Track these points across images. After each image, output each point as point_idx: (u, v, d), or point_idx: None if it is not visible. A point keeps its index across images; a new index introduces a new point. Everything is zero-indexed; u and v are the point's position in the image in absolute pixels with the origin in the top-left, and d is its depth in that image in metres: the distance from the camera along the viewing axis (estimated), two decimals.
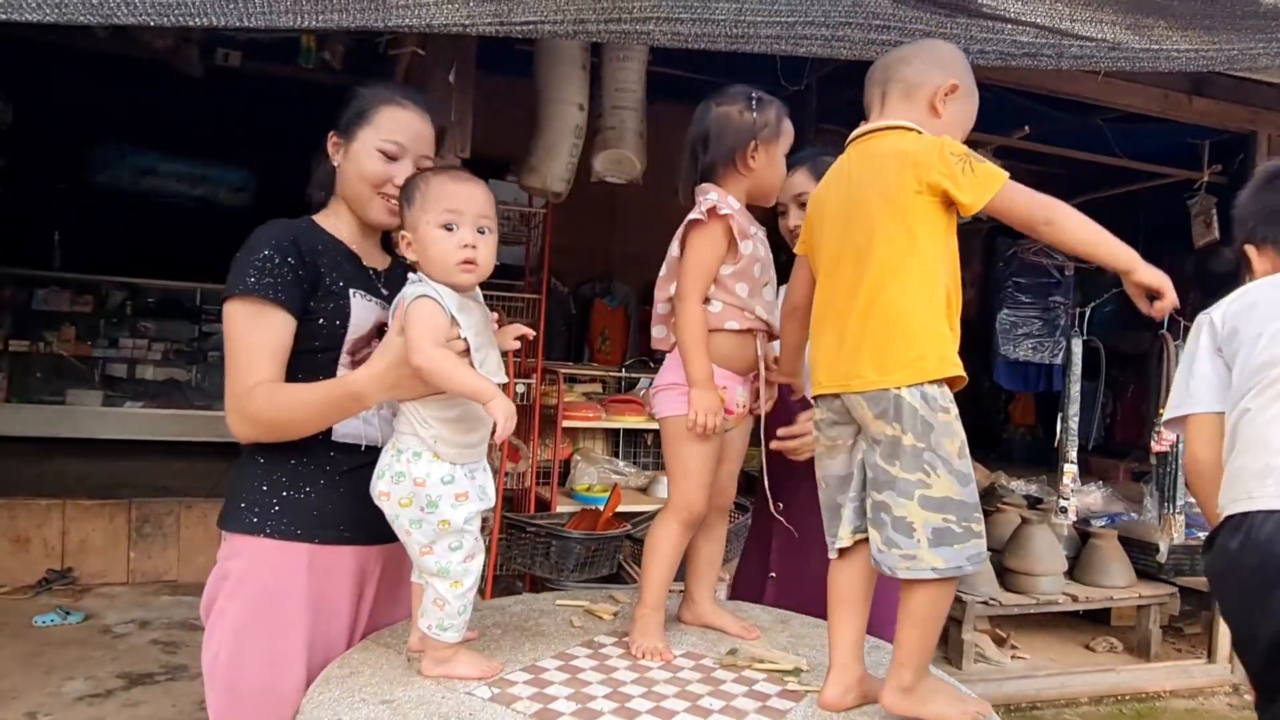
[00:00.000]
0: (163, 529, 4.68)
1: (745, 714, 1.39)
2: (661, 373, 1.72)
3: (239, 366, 1.48)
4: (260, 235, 1.53)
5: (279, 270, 1.49)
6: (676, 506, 1.67)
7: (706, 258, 1.63)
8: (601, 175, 3.83)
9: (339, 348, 1.56)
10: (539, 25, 1.44)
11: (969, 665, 3.79)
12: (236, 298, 1.48)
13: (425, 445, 1.42)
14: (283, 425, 1.50)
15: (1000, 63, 1.82)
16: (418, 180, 1.48)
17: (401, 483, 1.41)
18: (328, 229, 1.64)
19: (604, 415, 4.72)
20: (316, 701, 1.37)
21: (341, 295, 1.56)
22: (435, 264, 1.43)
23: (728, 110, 1.68)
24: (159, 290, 7.02)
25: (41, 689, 3.31)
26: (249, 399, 1.48)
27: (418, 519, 1.41)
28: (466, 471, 1.44)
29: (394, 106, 1.60)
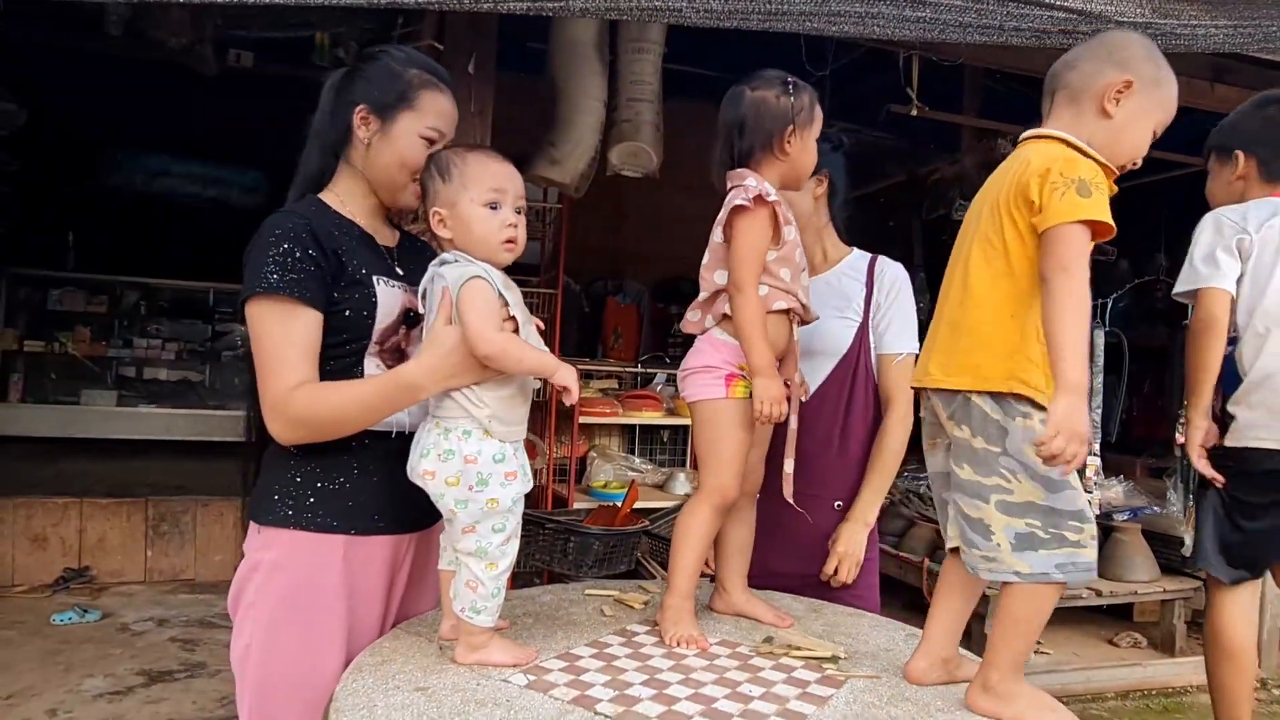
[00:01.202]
0: (179, 528, 4.68)
1: (786, 700, 1.36)
2: (691, 355, 1.69)
3: (274, 369, 1.43)
4: (274, 227, 1.46)
5: (300, 265, 1.43)
6: (709, 490, 1.65)
7: (757, 244, 1.60)
8: (618, 168, 3.82)
9: (368, 338, 1.51)
10: (571, 4, 1.41)
11: None
12: (259, 297, 1.43)
13: (477, 423, 1.40)
14: (331, 425, 1.46)
15: (1034, 42, 1.79)
16: (451, 156, 1.44)
17: (450, 460, 1.39)
18: (337, 208, 1.57)
19: (620, 411, 4.71)
20: (350, 689, 1.35)
21: (366, 283, 1.51)
22: (480, 243, 1.41)
23: (764, 95, 1.66)
24: (172, 291, 7.04)
25: (61, 686, 3.30)
26: (292, 402, 1.43)
27: (464, 498, 1.39)
28: (515, 449, 1.43)
29: (435, 91, 1.56)
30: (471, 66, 2.71)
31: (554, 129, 3.49)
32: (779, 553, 2.02)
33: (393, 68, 1.55)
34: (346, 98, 1.56)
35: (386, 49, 1.60)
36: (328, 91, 1.60)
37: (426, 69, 1.58)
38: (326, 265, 1.46)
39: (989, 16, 1.65)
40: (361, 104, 1.54)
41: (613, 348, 6.12)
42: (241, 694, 1.52)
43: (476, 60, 2.72)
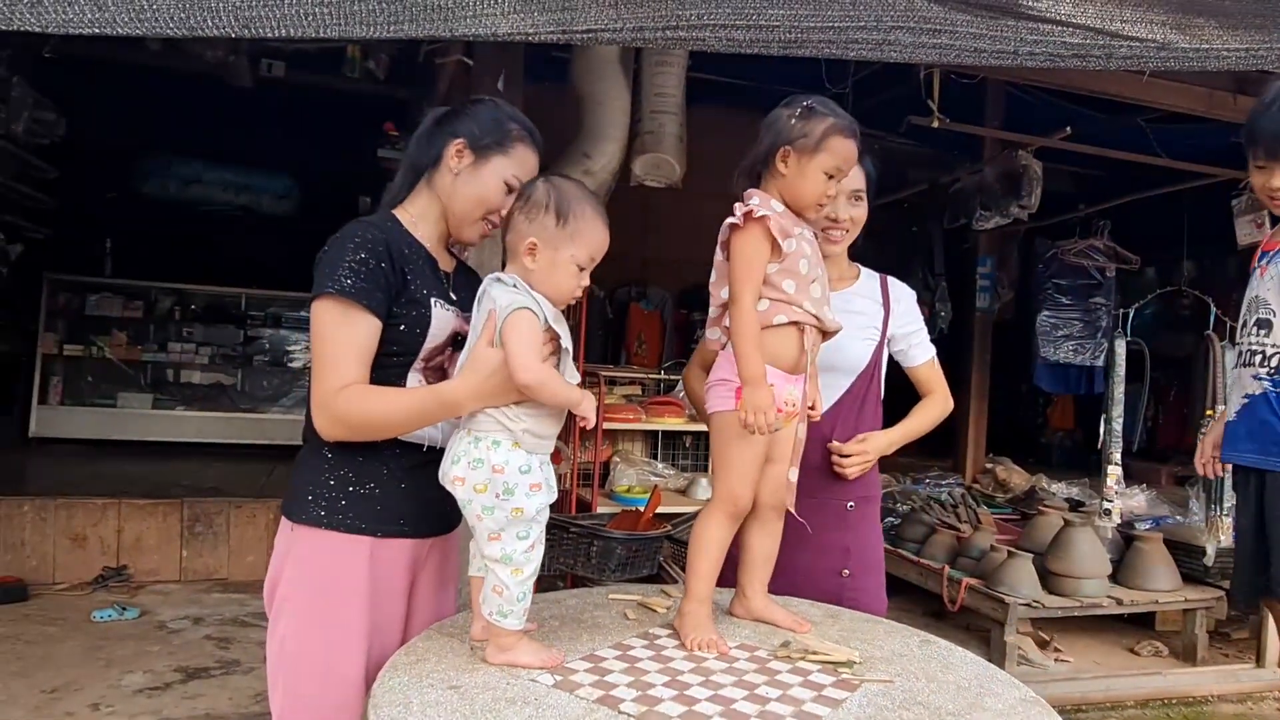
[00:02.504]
0: (213, 528, 4.80)
1: (802, 702, 1.41)
2: (715, 369, 1.76)
3: (329, 367, 1.52)
4: (352, 235, 1.55)
5: (373, 275, 1.52)
6: (721, 499, 1.71)
7: (753, 259, 1.65)
8: (641, 179, 3.89)
9: (416, 354, 1.60)
10: (599, 33, 1.49)
11: (1011, 667, 3.77)
12: (329, 297, 1.51)
13: (509, 435, 1.47)
14: (371, 427, 1.55)
15: (1049, 64, 1.84)
16: (573, 203, 1.50)
17: (479, 469, 1.46)
18: (409, 228, 1.66)
19: (644, 417, 4.77)
20: (387, 686, 1.42)
21: (424, 304, 1.60)
22: (553, 290, 1.49)
23: (780, 113, 1.72)
24: (205, 296, 7.20)
25: (103, 681, 3.41)
26: (339, 399, 1.51)
27: (491, 505, 1.45)
28: (540, 463, 1.50)
29: (528, 146, 1.67)
30: (501, 84, 2.79)
31: (588, 140, 3.55)
32: (801, 552, 2.06)
33: (499, 115, 1.67)
34: (447, 129, 1.66)
35: (495, 100, 1.73)
36: (428, 121, 1.70)
37: (526, 126, 1.70)
38: (394, 279, 1.55)
39: (1003, 42, 1.70)
40: (462, 138, 1.64)
41: (636, 354, 6.19)
42: (275, 683, 1.61)
43: (505, 78, 2.80)
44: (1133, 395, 4.86)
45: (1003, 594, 3.84)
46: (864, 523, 2.15)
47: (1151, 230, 6.01)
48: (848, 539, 2.11)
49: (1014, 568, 3.93)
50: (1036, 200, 4.57)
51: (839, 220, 2.04)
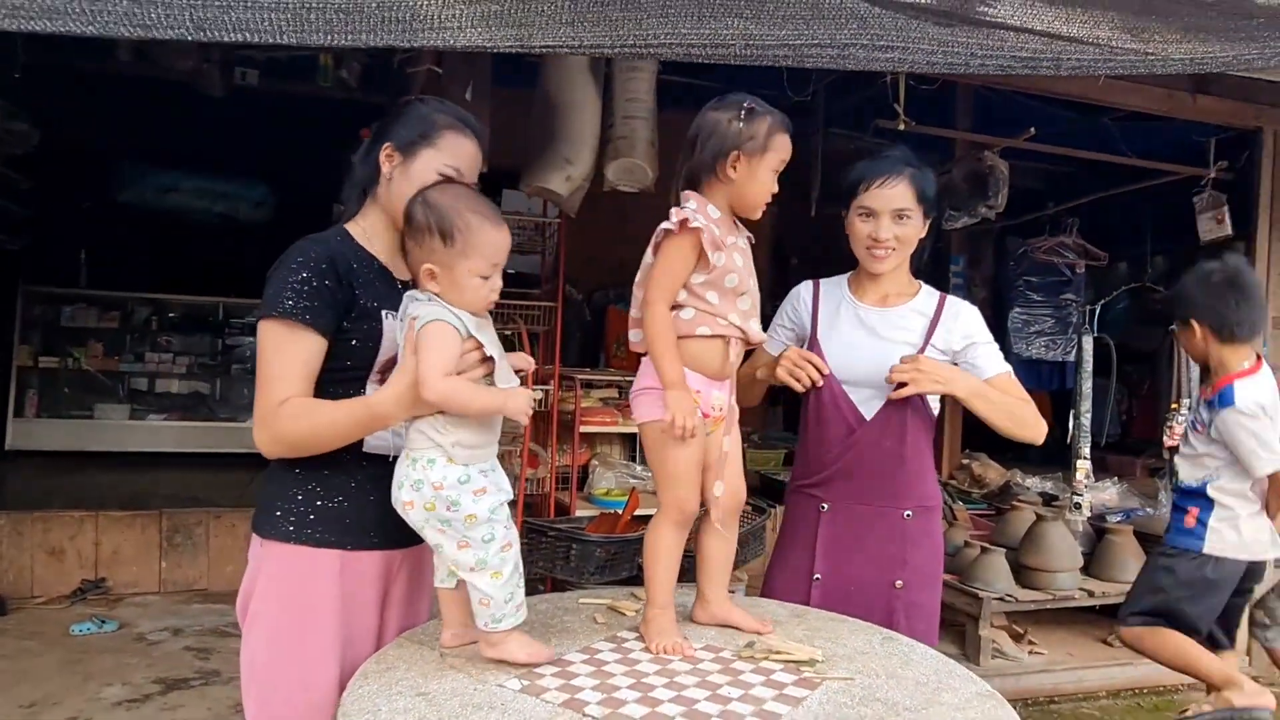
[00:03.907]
0: (192, 539, 4.79)
1: (763, 701, 1.45)
2: (638, 377, 1.74)
3: (269, 385, 1.53)
4: (297, 254, 1.56)
5: (316, 293, 1.53)
6: (667, 508, 1.71)
7: (674, 267, 1.64)
8: (614, 184, 3.91)
9: (369, 367, 1.61)
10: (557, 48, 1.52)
11: (986, 661, 3.84)
12: (272, 318, 1.53)
13: (441, 450, 1.48)
14: (306, 442, 1.56)
15: (1001, 73, 1.89)
16: (454, 218, 1.47)
17: (421, 489, 1.48)
18: (361, 242, 1.66)
19: (620, 420, 4.80)
20: (356, 695, 1.44)
21: (374, 316, 1.60)
22: (465, 304, 1.48)
23: (718, 117, 1.68)
24: (182, 305, 7.18)
25: (81, 695, 3.41)
26: (276, 417, 1.53)
27: (445, 518, 1.48)
28: (479, 470, 1.51)
29: (458, 133, 1.65)
30: (469, 93, 2.81)
31: (567, 146, 3.57)
32: (855, 561, 2.11)
33: (421, 111, 1.66)
34: (379, 140, 1.66)
35: (423, 99, 1.72)
36: (369, 139, 1.70)
37: (455, 115, 1.68)
38: (341, 296, 1.56)
39: (954, 55, 1.74)
40: (389, 142, 1.64)
41: (615, 355, 6.20)
42: (247, 697, 1.63)
43: (474, 88, 2.82)
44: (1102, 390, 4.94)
45: (977, 589, 3.90)
46: (922, 535, 2.13)
47: (1121, 226, 6.10)
48: (905, 550, 2.10)
49: (988, 563, 3.99)
50: (1003, 200, 4.63)
51: (881, 240, 2.06)
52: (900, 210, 2.05)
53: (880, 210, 2.06)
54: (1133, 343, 5.93)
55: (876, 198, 2.06)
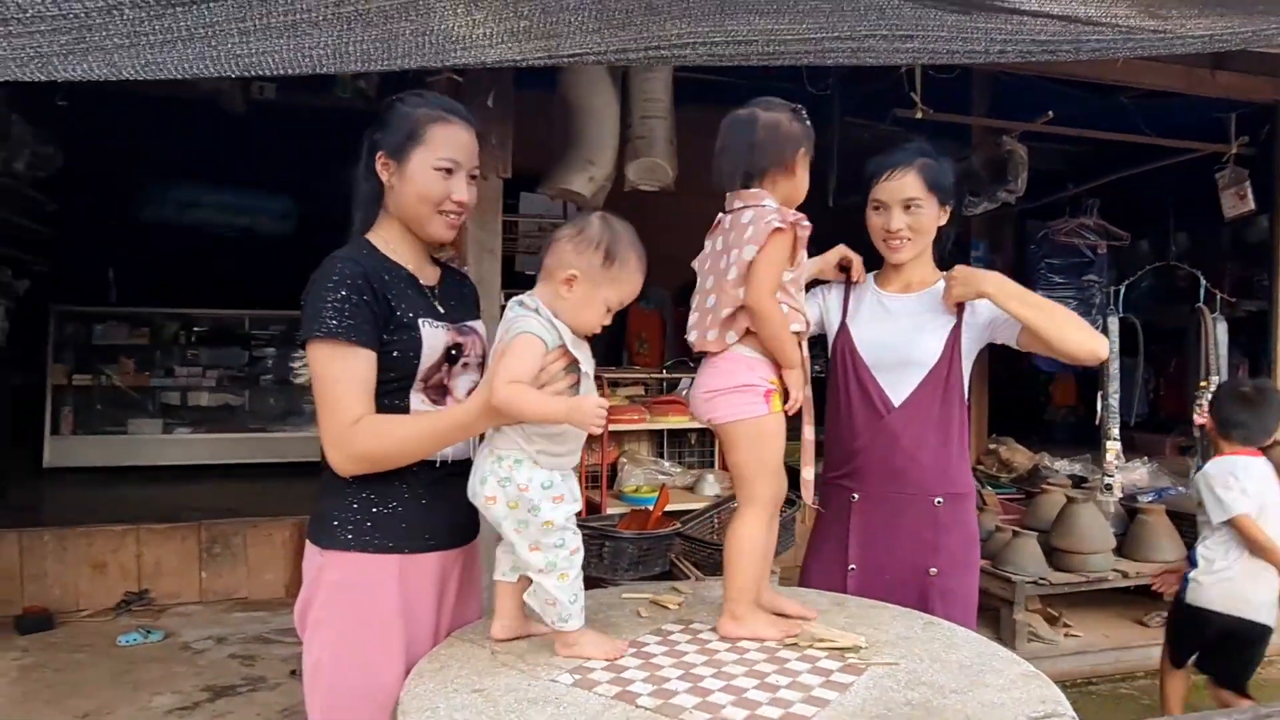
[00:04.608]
0: (230, 548, 4.87)
1: (810, 688, 1.48)
2: (716, 375, 1.74)
3: (334, 406, 1.56)
4: (332, 273, 1.58)
5: (357, 311, 1.55)
6: (767, 502, 1.73)
7: (780, 264, 1.69)
8: (635, 184, 3.95)
9: (413, 376, 1.64)
10: (584, 56, 1.55)
11: (1022, 645, 3.84)
12: (318, 340, 1.55)
13: (527, 455, 1.54)
14: (389, 458, 1.60)
15: (1021, 60, 1.90)
16: (621, 248, 1.54)
17: (507, 488, 1.53)
18: (385, 252, 1.67)
19: (648, 417, 4.84)
20: (413, 693, 1.48)
21: (412, 327, 1.62)
22: (577, 323, 1.55)
23: (778, 118, 1.74)
24: (209, 319, 7.26)
25: (133, 704, 3.49)
26: (354, 436, 1.55)
27: (524, 520, 1.53)
28: (561, 476, 1.57)
29: (443, 124, 1.64)
30: (491, 101, 2.85)
31: (589, 148, 3.61)
32: (888, 550, 2.14)
33: (403, 110, 1.65)
34: (373, 150, 1.67)
35: (401, 96, 1.69)
36: (364, 148, 1.70)
37: (436, 105, 1.66)
38: (379, 309, 1.59)
39: (974, 43, 1.76)
40: (381, 150, 1.65)
41: (638, 353, 6.24)
42: (312, 705, 1.66)
43: (495, 95, 2.86)
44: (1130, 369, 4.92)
45: (1009, 573, 3.90)
46: (955, 521, 2.14)
47: (1143, 205, 6.06)
48: (938, 537, 2.12)
49: (1019, 547, 3.99)
50: (1023, 184, 4.62)
51: (893, 231, 2.10)
52: (909, 200, 2.09)
53: (890, 202, 2.11)
54: (1158, 321, 5.89)
55: (885, 190, 2.11)
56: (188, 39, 1.28)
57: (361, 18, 1.30)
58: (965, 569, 2.18)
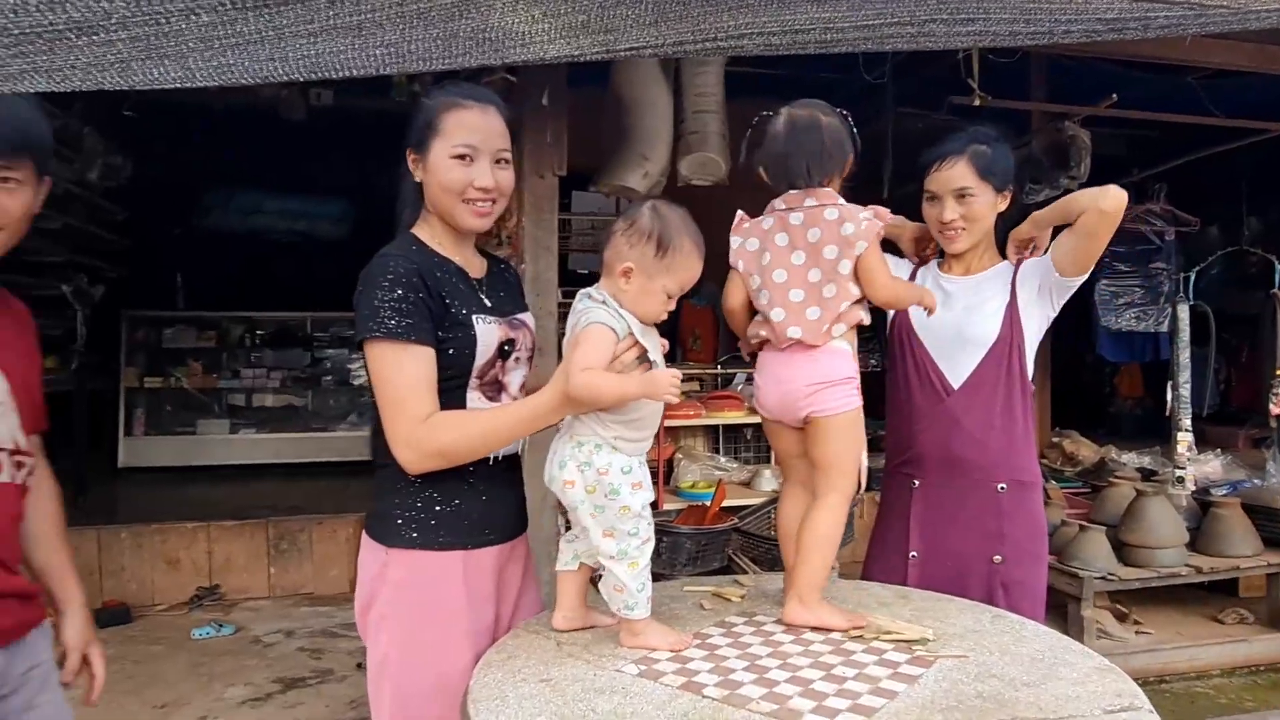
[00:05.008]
0: (297, 545, 4.99)
1: (878, 680, 1.47)
2: (831, 368, 1.74)
3: (403, 405, 1.55)
4: (386, 271, 1.57)
5: (413, 310, 1.55)
6: (847, 493, 1.76)
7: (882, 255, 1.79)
8: (688, 179, 3.95)
9: (469, 373, 1.64)
10: (642, 49, 1.55)
11: (1091, 641, 3.75)
12: (378, 339, 1.54)
13: (605, 440, 1.56)
14: (463, 452, 1.60)
15: (1085, 40, 1.85)
16: (674, 236, 1.55)
17: (587, 472, 1.56)
18: (434, 247, 1.67)
19: (704, 413, 4.83)
20: (483, 682, 1.50)
21: (466, 323, 1.62)
22: (639, 312, 1.57)
23: (837, 123, 1.79)
24: (272, 321, 7.45)
25: (208, 695, 3.60)
26: (429, 433, 1.55)
27: (601, 504, 1.55)
28: (639, 463, 1.59)
29: (458, 110, 1.61)
30: (545, 99, 2.87)
31: (643, 143, 3.62)
32: (950, 537, 2.12)
33: (423, 104, 1.65)
34: (405, 147, 1.68)
35: (426, 92, 1.71)
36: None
37: (453, 93, 1.64)
38: (434, 307, 1.59)
39: (1038, 24, 1.72)
40: (408, 148, 1.67)
41: (691, 350, 6.24)
42: (379, 700, 1.67)
43: (550, 93, 2.88)
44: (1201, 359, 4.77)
45: (1076, 569, 3.82)
46: (1019, 509, 2.11)
47: (1212, 188, 5.87)
48: (1000, 524, 2.09)
49: (1087, 541, 3.90)
50: (1086, 170, 4.50)
51: (947, 221, 2.10)
52: (961, 190, 2.07)
53: (942, 193, 2.09)
54: (1229, 308, 5.70)
55: (936, 181, 2.10)
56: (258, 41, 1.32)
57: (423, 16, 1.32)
58: (1032, 559, 2.14)
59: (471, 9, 1.33)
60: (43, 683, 1.66)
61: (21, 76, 1.24)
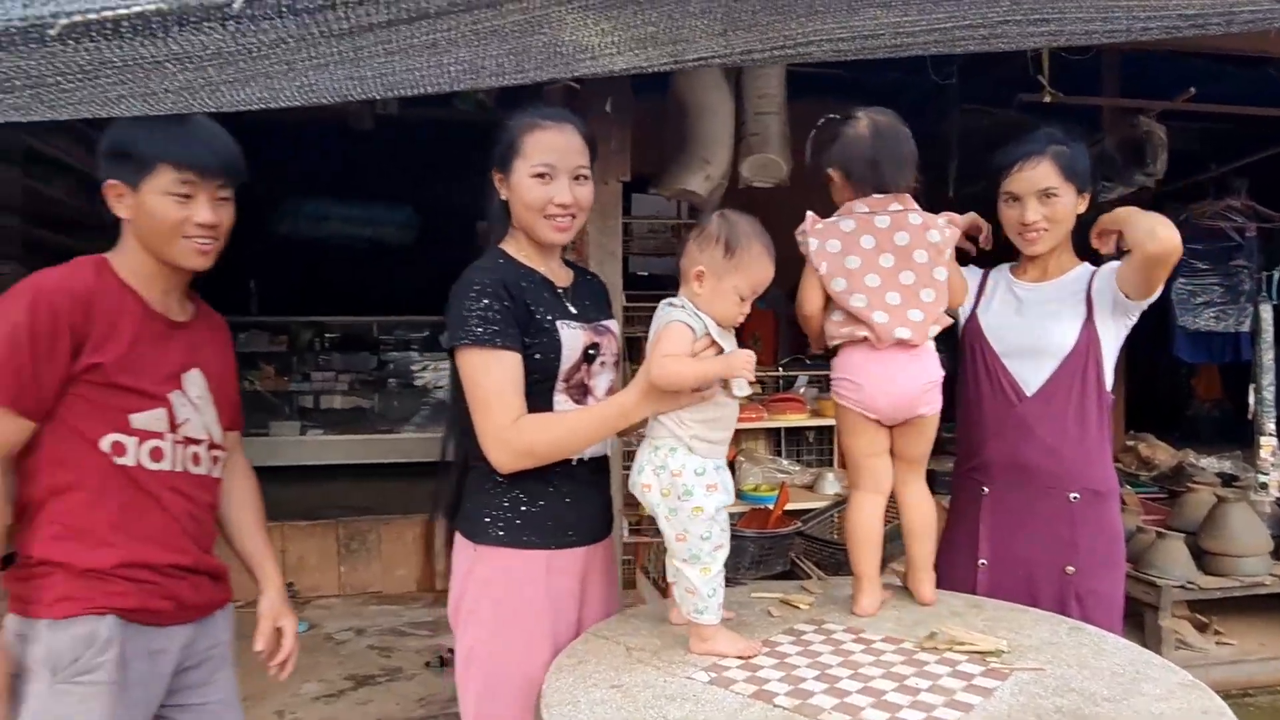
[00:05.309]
0: (366, 545, 5.11)
1: (953, 692, 1.45)
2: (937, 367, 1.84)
3: (493, 407, 1.64)
4: (473, 284, 1.67)
5: (499, 318, 1.64)
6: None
7: None
8: (749, 181, 3.93)
9: (555, 377, 1.72)
10: (710, 59, 1.56)
11: (1169, 652, 3.64)
12: (467, 346, 1.65)
13: (680, 441, 1.60)
14: (552, 451, 1.68)
15: (1165, 36, 1.80)
16: (741, 237, 1.59)
17: (662, 474, 1.60)
18: (520, 259, 1.77)
19: (766, 415, 4.81)
20: (554, 686, 1.53)
21: (551, 329, 1.70)
22: (718, 313, 1.61)
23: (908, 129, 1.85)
24: (340, 326, 7.63)
25: (285, 690, 3.70)
26: (518, 432, 1.64)
27: (674, 507, 1.59)
28: (715, 466, 1.62)
29: (537, 131, 1.71)
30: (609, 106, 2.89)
31: (705, 147, 3.63)
32: (1021, 545, 2.10)
33: (505, 126, 1.75)
34: (491, 168, 1.79)
35: (509, 115, 1.79)
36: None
37: (533, 114, 1.74)
38: (518, 315, 1.68)
39: (1114, 22, 1.67)
40: (494, 167, 1.77)
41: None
42: (466, 692, 1.76)
43: (613, 102, 2.90)
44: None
45: (1154, 577, 3.71)
46: (1093, 518, 2.07)
47: None
48: (1073, 534, 2.05)
49: (1165, 549, 3.78)
50: (1163, 166, 4.36)
51: (1030, 223, 2.06)
52: (1045, 190, 2.03)
53: (1024, 194, 2.05)
54: None
55: (1018, 182, 2.05)
56: (338, 62, 1.36)
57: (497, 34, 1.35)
58: (1107, 570, 2.09)
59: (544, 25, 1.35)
60: (221, 660, 1.89)
61: (119, 101, 1.32)
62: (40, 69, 1.19)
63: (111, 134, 1.60)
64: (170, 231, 1.65)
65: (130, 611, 1.66)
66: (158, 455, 1.69)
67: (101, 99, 1.32)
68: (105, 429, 1.63)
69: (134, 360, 1.65)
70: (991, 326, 2.13)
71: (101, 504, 1.63)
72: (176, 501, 1.72)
